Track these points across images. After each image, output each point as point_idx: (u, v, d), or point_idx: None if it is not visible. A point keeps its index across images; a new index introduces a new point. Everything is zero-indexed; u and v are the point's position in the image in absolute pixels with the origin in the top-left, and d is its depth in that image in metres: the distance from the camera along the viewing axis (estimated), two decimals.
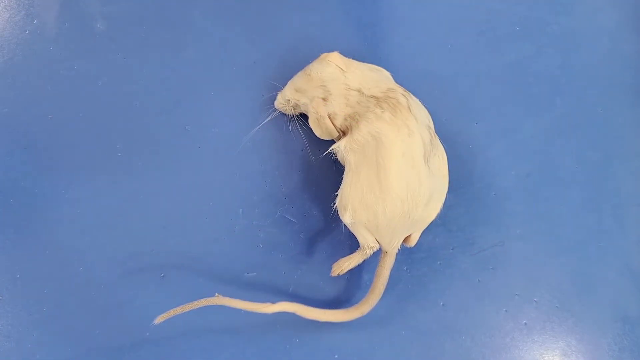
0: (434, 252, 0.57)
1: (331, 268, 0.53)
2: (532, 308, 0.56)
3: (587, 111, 0.61)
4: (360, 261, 0.52)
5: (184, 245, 0.57)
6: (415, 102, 0.52)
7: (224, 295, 0.51)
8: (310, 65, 0.55)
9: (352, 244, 0.57)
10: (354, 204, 0.49)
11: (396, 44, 0.63)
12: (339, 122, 0.52)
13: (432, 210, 0.51)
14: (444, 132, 0.57)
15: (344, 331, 0.55)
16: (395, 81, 0.55)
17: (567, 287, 0.56)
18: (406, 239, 0.53)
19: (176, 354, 0.55)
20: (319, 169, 0.59)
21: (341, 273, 0.52)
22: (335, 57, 0.53)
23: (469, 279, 0.56)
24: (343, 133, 0.53)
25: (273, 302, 0.51)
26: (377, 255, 0.53)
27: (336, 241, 0.57)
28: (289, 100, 0.56)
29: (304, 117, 0.58)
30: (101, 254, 0.57)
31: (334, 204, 0.52)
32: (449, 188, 0.53)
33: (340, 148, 0.51)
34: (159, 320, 0.50)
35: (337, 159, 0.54)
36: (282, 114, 0.59)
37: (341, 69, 0.53)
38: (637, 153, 0.60)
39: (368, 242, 0.51)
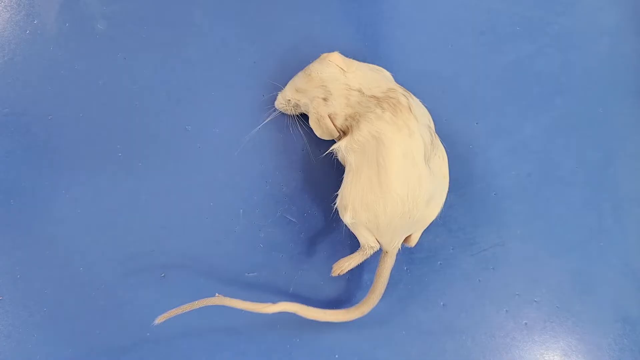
0: (434, 252, 0.57)
1: (331, 268, 0.53)
2: (532, 308, 0.56)
3: (588, 111, 0.61)
4: (361, 261, 0.52)
5: (184, 245, 0.57)
6: (415, 102, 0.52)
7: (225, 295, 0.51)
8: (311, 65, 0.55)
9: (353, 244, 0.57)
10: (354, 204, 0.49)
11: (396, 44, 0.63)
12: (339, 122, 0.52)
13: (433, 210, 0.51)
14: (444, 132, 0.57)
15: (344, 331, 0.55)
16: (396, 81, 0.55)
17: (567, 287, 0.56)
18: (407, 239, 0.53)
19: (176, 354, 0.55)
20: (320, 169, 0.59)
21: (341, 273, 0.52)
22: (335, 57, 0.53)
23: (469, 279, 0.56)
24: (343, 133, 0.53)
25: (273, 302, 0.50)
26: (378, 255, 0.53)
27: (336, 241, 0.57)
28: (289, 100, 0.56)
29: (304, 117, 0.58)
30: (101, 254, 0.57)
31: (335, 204, 0.52)
32: (449, 188, 0.53)
33: (341, 148, 0.51)
34: (159, 320, 0.50)
35: (338, 159, 0.54)
36: (283, 114, 0.59)
37: (342, 69, 0.52)
38: (637, 153, 0.60)
39: (368, 242, 0.51)
